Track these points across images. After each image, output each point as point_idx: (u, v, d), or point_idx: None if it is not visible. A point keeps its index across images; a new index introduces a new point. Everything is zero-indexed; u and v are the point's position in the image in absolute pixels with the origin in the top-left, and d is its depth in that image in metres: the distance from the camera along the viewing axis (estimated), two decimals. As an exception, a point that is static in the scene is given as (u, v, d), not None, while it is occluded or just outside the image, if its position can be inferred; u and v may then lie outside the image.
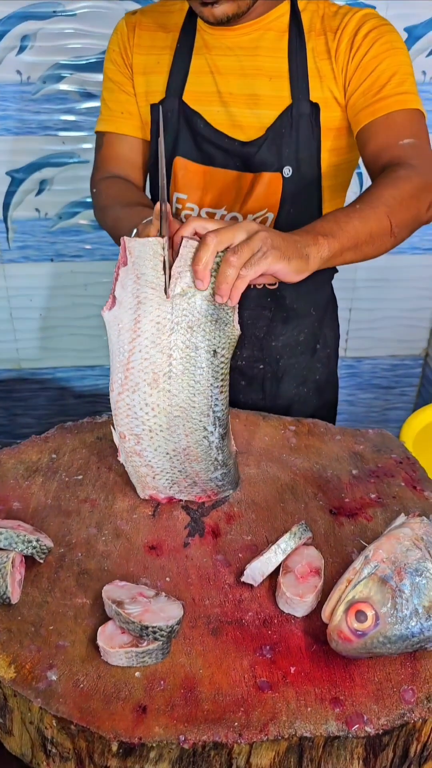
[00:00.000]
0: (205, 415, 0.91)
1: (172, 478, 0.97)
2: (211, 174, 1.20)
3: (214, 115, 1.18)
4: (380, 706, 0.74)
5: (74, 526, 0.96)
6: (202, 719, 0.72)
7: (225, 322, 0.87)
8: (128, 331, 0.88)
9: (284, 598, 0.84)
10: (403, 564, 0.78)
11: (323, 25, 1.14)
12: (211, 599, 0.86)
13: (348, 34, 1.11)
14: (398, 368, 2.46)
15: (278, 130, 1.15)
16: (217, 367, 0.89)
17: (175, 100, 1.19)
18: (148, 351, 0.88)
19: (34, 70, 1.83)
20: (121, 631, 0.78)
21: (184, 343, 0.87)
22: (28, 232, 2.05)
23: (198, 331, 0.87)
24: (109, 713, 0.73)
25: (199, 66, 1.18)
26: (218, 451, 0.95)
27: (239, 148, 1.17)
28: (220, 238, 0.80)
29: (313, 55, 1.13)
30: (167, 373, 0.88)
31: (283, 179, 1.17)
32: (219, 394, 0.91)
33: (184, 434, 0.92)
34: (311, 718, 0.73)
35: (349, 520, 0.99)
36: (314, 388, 1.43)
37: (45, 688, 0.75)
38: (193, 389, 0.89)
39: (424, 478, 1.07)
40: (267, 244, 0.81)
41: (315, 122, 1.15)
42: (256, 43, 1.15)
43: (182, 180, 1.22)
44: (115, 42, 1.25)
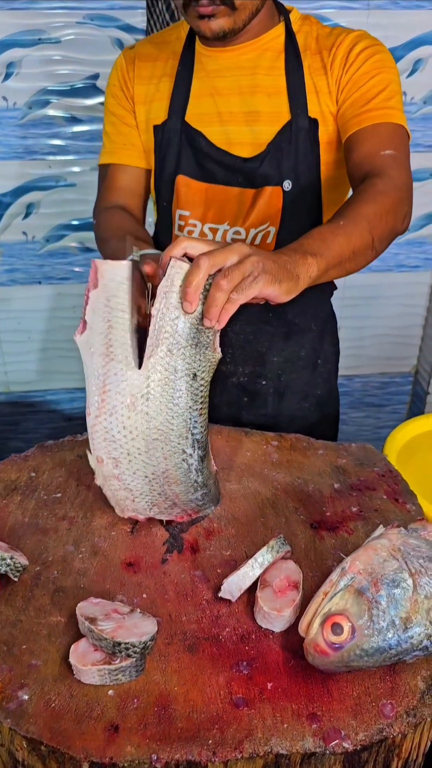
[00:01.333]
0: (184, 437, 0.90)
1: (151, 501, 0.95)
2: (213, 191, 1.23)
3: (216, 134, 1.21)
4: (358, 721, 0.73)
5: (51, 543, 0.95)
6: (176, 737, 0.71)
7: (206, 345, 0.85)
8: (101, 356, 0.87)
9: (262, 612, 0.83)
10: (379, 575, 0.76)
11: (318, 45, 1.18)
12: (188, 615, 0.85)
13: (343, 50, 1.15)
14: (389, 386, 2.47)
15: (278, 144, 1.18)
16: (196, 390, 0.88)
17: (177, 121, 1.22)
18: (123, 373, 0.87)
19: (21, 95, 1.86)
20: (94, 649, 0.77)
21: (163, 366, 0.85)
22: (15, 255, 2.06)
23: (178, 354, 0.85)
24: (80, 733, 0.71)
25: (199, 89, 1.22)
26: (197, 473, 0.94)
27: (241, 164, 1.20)
28: (212, 261, 0.79)
29: (309, 72, 1.17)
30: (145, 395, 0.87)
31: (284, 193, 1.19)
32: (198, 416, 0.89)
33: (162, 457, 0.91)
34: (288, 735, 0.71)
35: (330, 533, 0.98)
36: (315, 403, 1.43)
37: (15, 708, 0.73)
38: (172, 412, 0.88)
39: (406, 490, 1.06)
40: (258, 268, 0.80)
41: (313, 137, 1.18)
42: (254, 63, 1.18)
43: (184, 197, 1.25)
44: (115, 77, 1.29)
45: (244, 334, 1.30)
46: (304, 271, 0.86)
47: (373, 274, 2.21)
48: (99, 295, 0.85)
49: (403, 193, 1.05)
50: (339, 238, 0.92)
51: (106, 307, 0.86)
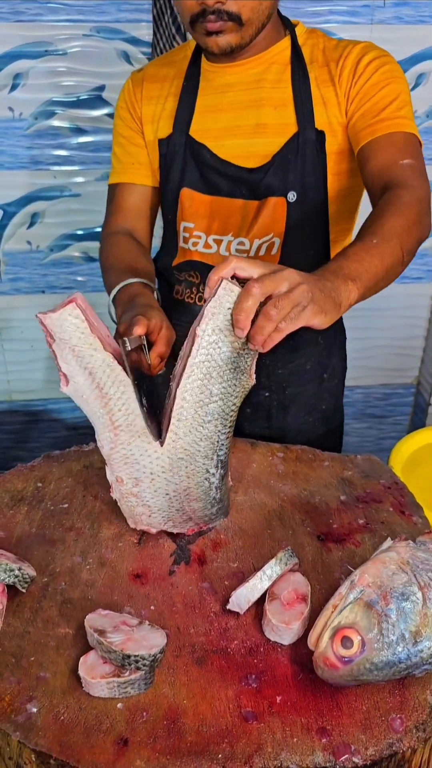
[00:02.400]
0: (209, 458, 0.90)
1: (168, 516, 0.95)
2: (217, 203, 1.23)
3: (221, 147, 1.21)
4: (368, 735, 0.72)
5: (58, 554, 0.95)
6: (185, 751, 0.70)
7: (243, 370, 0.85)
8: (96, 398, 0.87)
9: (270, 625, 0.82)
10: (389, 588, 0.76)
11: (325, 57, 1.18)
12: (196, 628, 0.85)
13: (351, 61, 1.15)
14: (391, 397, 2.47)
15: (284, 156, 1.18)
16: (226, 414, 0.88)
17: (182, 135, 1.23)
18: (130, 405, 0.87)
19: (27, 106, 1.87)
20: (103, 661, 0.76)
21: (199, 388, 0.85)
22: (19, 265, 2.07)
23: (216, 377, 0.84)
24: (89, 746, 0.71)
25: (204, 105, 1.22)
26: (217, 491, 0.95)
27: (246, 175, 1.20)
28: (263, 289, 0.79)
29: (316, 84, 1.17)
30: (177, 416, 0.87)
31: (288, 204, 1.19)
32: (225, 439, 0.90)
33: (186, 475, 0.91)
34: (297, 749, 0.71)
35: (336, 545, 0.98)
36: (321, 417, 1.42)
37: (24, 721, 0.73)
38: (200, 434, 0.88)
39: (412, 503, 1.06)
40: (307, 298, 0.80)
41: (320, 149, 1.18)
42: (260, 77, 1.19)
43: (189, 210, 1.26)
44: (122, 99, 1.30)
45: None
46: (346, 297, 0.87)
47: (375, 285, 2.22)
48: (62, 347, 0.84)
49: (425, 203, 1.06)
50: (374, 259, 0.93)
51: (76, 357, 0.84)
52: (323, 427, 1.44)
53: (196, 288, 1.31)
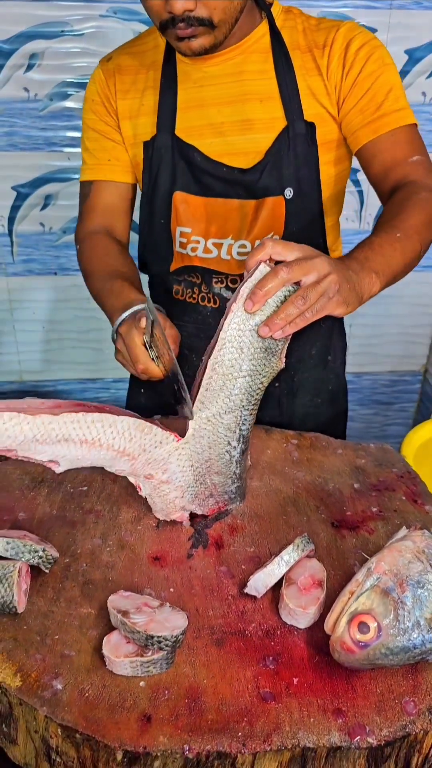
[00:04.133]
0: (232, 431, 0.93)
1: (195, 492, 0.98)
2: (212, 205, 1.20)
3: (209, 146, 1.17)
4: (382, 717, 0.75)
5: (79, 536, 0.97)
6: (206, 729, 0.73)
7: (273, 353, 0.88)
8: (90, 450, 0.86)
9: (287, 609, 0.85)
10: (405, 576, 0.79)
11: (307, 41, 1.14)
12: (215, 610, 0.87)
13: (338, 50, 1.11)
14: (398, 384, 2.48)
15: (277, 153, 1.15)
16: (253, 391, 0.90)
17: (167, 136, 1.18)
18: (127, 431, 0.87)
19: (42, 87, 1.86)
20: (126, 641, 0.79)
21: (230, 362, 0.88)
22: (32, 246, 2.07)
23: (247, 354, 0.87)
24: (114, 722, 0.73)
25: (186, 100, 1.17)
26: (237, 465, 0.97)
27: (240, 176, 1.17)
28: (291, 275, 0.81)
29: (302, 73, 1.13)
30: (206, 386, 0.89)
31: (286, 201, 1.17)
32: (248, 415, 0.93)
33: (207, 445, 0.94)
34: (314, 729, 0.73)
35: (351, 532, 1.00)
36: (327, 399, 1.43)
37: (50, 696, 0.75)
38: (226, 406, 0.90)
39: (425, 492, 1.08)
40: (333, 290, 0.83)
41: (311, 140, 1.15)
42: (241, 68, 1.14)
43: (184, 214, 1.21)
44: (94, 92, 1.24)
45: None
46: (368, 290, 0.90)
47: (386, 272, 2.22)
48: (24, 447, 0.81)
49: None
50: (397, 254, 0.95)
51: (42, 443, 0.81)
52: (330, 407, 1.45)
53: (197, 288, 1.28)
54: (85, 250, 1.26)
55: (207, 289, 1.27)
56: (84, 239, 1.28)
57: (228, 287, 1.25)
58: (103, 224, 1.28)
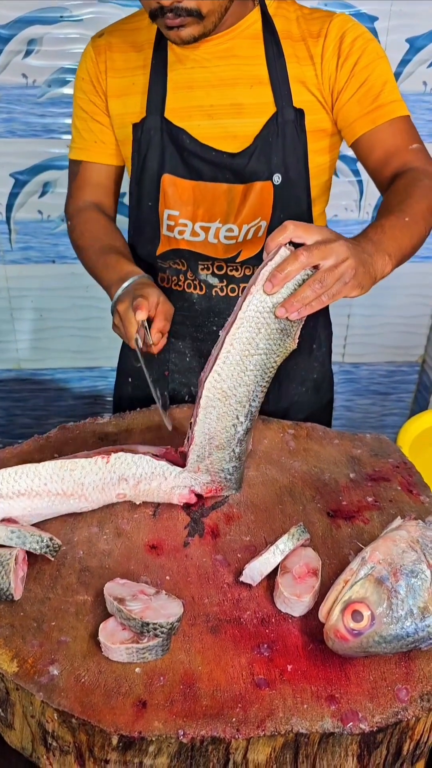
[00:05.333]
0: (242, 405, 0.95)
1: (193, 466, 1.00)
2: (201, 189, 1.20)
3: (199, 129, 1.17)
4: (375, 704, 0.76)
5: (76, 524, 0.98)
6: (201, 714, 0.74)
7: (288, 333, 0.91)
8: (94, 501, 1.00)
9: (282, 597, 0.86)
10: (399, 566, 0.79)
11: (300, 30, 1.14)
12: (210, 598, 0.88)
13: (332, 40, 1.12)
14: (395, 374, 2.49)
15: (266, 138, 1.16)
16: (267, 369, 0.94)
17: (156, 118, 1.18)
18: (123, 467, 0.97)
19: (40, 73, 1.85)
20: (122, 628, 0.80)
21: (247, 339, 0.91)
22: (30, 234, 2.07)
23: (264, 334, 0.90)
24: (109, 707, 0.74)
25: (176, 82, 1.17)
26: (238, 444, 0.99)
27: (228, 160, 1.17)
28: (310, 258, 0.84)
29: (293, 61, 1.14)
30: (223, 359, 0.92)
31: (274, 187, 1.18)
32: (260, 392, 0.96)
33: (216, 417, 0.96)
34: (307, 715, 0.74)
35: (346, 522, 1.00)
36: (312, 387, 1.44)
37: (47, 682, 0.76)
38: (241, 380, 0.94)
39: (420, 482, 1.09)
40: (350, 274, 0.86)
41: (300, 127, 1.16)
42: (231, 52, 1.14)
43: (172, 197, 1.22)
44: (84, 69, 1.24)
45: None
46: (381, 272, 0.93)
47: (384, 263, 2.22)
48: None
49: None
50: (406, 238, 0.98)
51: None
52: (315, 396, 1.45)
53: (183, 275, 1.28)
54: (77, 225, 1.29)
55: (193, 276, 1.28)
56: (74, 215, 1.31)
57: (214, 273, 1.26)
58: (92, 200, 1.31)
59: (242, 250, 1.23)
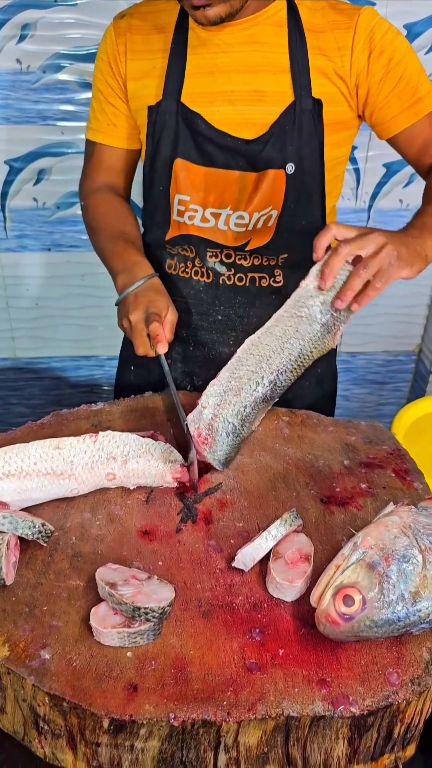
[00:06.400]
0: (269, 372, 1.01)
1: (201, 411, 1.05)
2: (213, 175, 1.19)
3: (215, 114, 1.17)
4: (366, 688, 0.76)
5: (69, 510, 0.98)
6: (192, 698, 0.74)
7: (329, 330, 0.98)
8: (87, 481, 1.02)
9: (274, 583, 0.86)
10: (391, 551, 0.79)
11: (327, 21, 1.14)
12: (203, 583, 0.88)
13: (363, 33, 1.12)
14: (392, 364, 2.48)
15: (282, 126, 1.15)
16: (301, 355, 1.00)
17: (172, 102, 1.18)
18: None
19: (34, 59, 1.83)
20: (114, 612, 0.80)
21: (291, 321, 0.99)
22: (25, 222, 2.05)
23: (305, 323, 0.98)
24: (101, 691, 0.74)
25: (196, 66, 1.17)
26: (249, 408, 1.03)
27: (243, 147, 1.17)
28: (349, 249, 0.92)
29: (317, 52, 1.13)
30: (273, 322, 1.00)
31: (287, 176, 1.17)
32: (289, 372, 1.02)
33: (243, 370, 1.02)
34: (298, 699, 0.75)
35: (339, 508, 1.00)
36: (315, 381, 1.44)
37: (38, 666, 0.76)
38: (275, 351, 1.01)
39: (414, 469, 1.09)
40: (393, 256, 0.92)
41: (317, 118, 1.16)
42: (256, 38, 1.14)
43: (184, 182, 1.21)
44: (104, 50, 1.24)
45: (247, 318, 1.30)
46: (431, 249, 0.98)
47: (381, 251, 2.21)
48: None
49: None
50: None
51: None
52: (318, 389, 1.45)
53: (191, 262, 1.28)
54: (90, 207, 1.32)
55: (201, 263, 1.27)
56: (88, 195, 1.33)
57: (222, 261, 1.25)
58: (107, 182, 1.33)
59: (252, 238, 1.23)
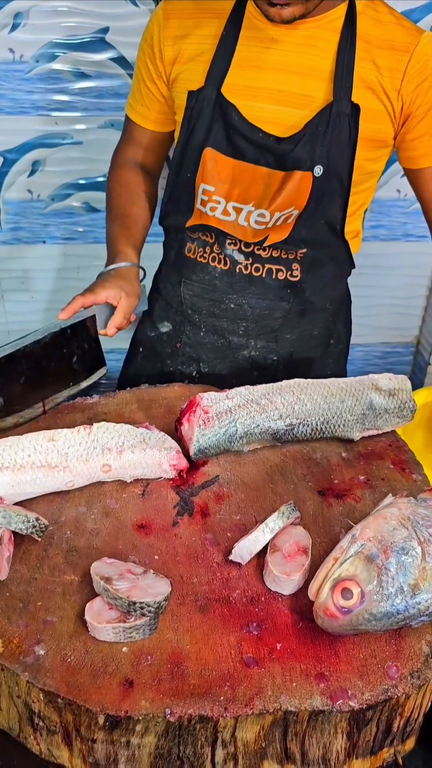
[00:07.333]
0: (295, 416, 1.05)
1: None
2: (240, 168, 1.19)
3: (252, 109, 1.16)
4: (364, 681, 0.75)
5: (64, 504, 0.97)
6: (189, 693, 0.73)
7: (365, 423, 1.09)
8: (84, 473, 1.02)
9: (271, 576, 0.85)
10: (389, 543, 0.78)
11: (387, 38, 1.12)
12: (199, 577, 0.87)
13: (419, 60, 1.11)
14: (390, 355, 2.47)
15: (315, 127, 1.14)
16: (328, 423, 1.07)
17: (213, 90, 1.17)
18: None
19: (28, 48, 1.81)
20: (109, 607, 0.79)
21: (343, 397, 1.09)
22: (20, 214, 2.03)
23: (354, 402, 1.09)
24: (96, 687, 0.73)
25: (243, 59, 1.16)
26: (258, 430, 1.04)
27: (274, 144, 1.15)
28: None
29: (372, 66, 1.12)
30: (326, 382, 1.09)
31: (314, 178, 1.16)
32: (309, 429, 1.07)
33: (278, 402, 1.05)
34: (296, 693, 0.74)
35: (337, 501, 0.99)
36: (325, 331, 1.41)
37: (32, 662, 0.75)
38: (312, 405, 1.07)
39: (412, 460, 1.08)
40: None
41: (354, 124, 1.14)
42: (308, 41, 1.13)
43: (210, 172, 1.21)
44: (149, 31, 1.24)
45: (260, 309, 1.30)
46: None
47: (379, 242, 2.20)
48: None
49: None
50: None
51: None
52: (328, 346, 1.43)
53: (209, 247, 1.28)
54: (109, 181, 1.37)
55: (219, 250, 1.27)
56: (113, 169, 1.38)
57: (241, 250, 1.25)
58: (135, 158, 1.36)
59: (270, 234, 1.22)
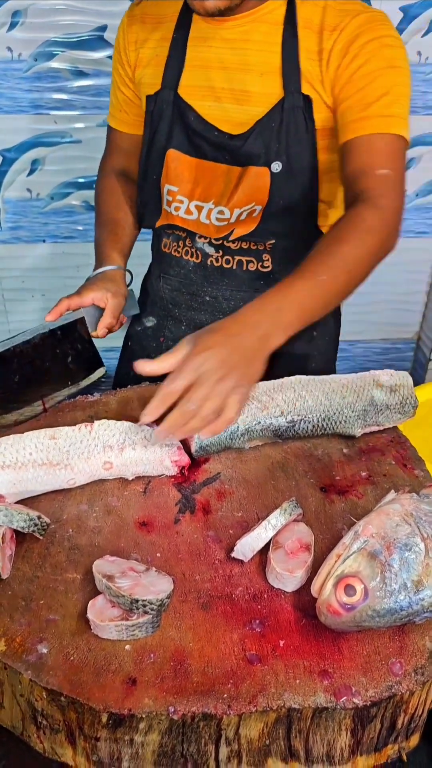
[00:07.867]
0: (296, 413, 1.05)
1: None
2: (202, 167, 1.19)
3: (207, 109, 1.16)
4: (368, 678, 0.75)
5: (65, 502, 0.96)
6: (192, 691, 0.73)
7: (366, 419, 1.08)
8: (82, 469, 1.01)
9: (274, 573, 0.84)
10: (392, 539, 0.78)
11: (321, 21, 1.08)
12: (202, 574, 0.86)
13: (345, 38, 1.06)
14: (390, 352, 2.47)
15: (267, 124, 1.12)
16: (329, 419, 1.07)
17: (170, 93, 1.18)
18: None
19: (26, 46, 1.81)
20: (111, 605, 0.78)
21: (344, 393, 1.09)
22: (20, 213, 2.04)
23: (355, 398, 1.09)
24: (99, 685, 0.73)
25: (194, 59, 1.16)
26: (259, 427, 1.04)
27: (227, 141, 1.16)
28: (171, 388, 0.87)
29: (307, 56, 1.09)
30: (327, 379, 1.10)
31: (272, 174, 1.15)
32: (311, 425, 1.06)
33: (279, 399, 1.06)
34: (300, 690, 0.73)
35: (339, 497, 0.99)
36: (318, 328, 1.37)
37: (35, 660, 0.75)
38: (313, 401, 1.07)
39: (414, 456, 1.07)
40: (215, 379, 0.87)
41: (308, 115, 1.11)
42: (248, 36, 1.12)
43: (174, 172, 1.22)
44: (117, 37, 1.26)
45: (234, 301, 1.29)
46: (289, 317, 0.95)
47: (379, 239, 2.19)
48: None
49: (391, 227, 1.03)
50: (317, 301, 0.97)
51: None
52: (320, 339, 1.39)
53: (182, 242, 1.29)
54: (97, 189, 1.39)
55: (191, 243, 1.29)
56: (101, 178, 1.39)
57: (210, 243, 1.26)
58: (120, 165, 1.37)
59: (235, 228, 1.22)
